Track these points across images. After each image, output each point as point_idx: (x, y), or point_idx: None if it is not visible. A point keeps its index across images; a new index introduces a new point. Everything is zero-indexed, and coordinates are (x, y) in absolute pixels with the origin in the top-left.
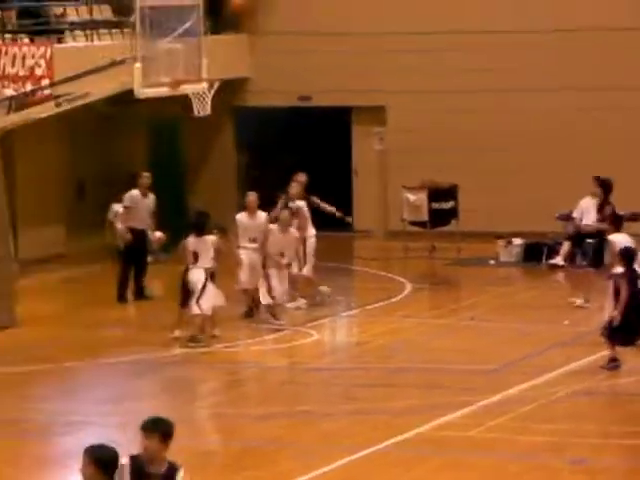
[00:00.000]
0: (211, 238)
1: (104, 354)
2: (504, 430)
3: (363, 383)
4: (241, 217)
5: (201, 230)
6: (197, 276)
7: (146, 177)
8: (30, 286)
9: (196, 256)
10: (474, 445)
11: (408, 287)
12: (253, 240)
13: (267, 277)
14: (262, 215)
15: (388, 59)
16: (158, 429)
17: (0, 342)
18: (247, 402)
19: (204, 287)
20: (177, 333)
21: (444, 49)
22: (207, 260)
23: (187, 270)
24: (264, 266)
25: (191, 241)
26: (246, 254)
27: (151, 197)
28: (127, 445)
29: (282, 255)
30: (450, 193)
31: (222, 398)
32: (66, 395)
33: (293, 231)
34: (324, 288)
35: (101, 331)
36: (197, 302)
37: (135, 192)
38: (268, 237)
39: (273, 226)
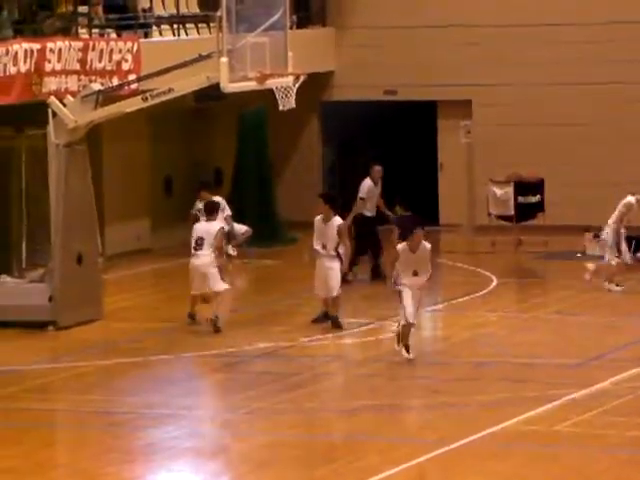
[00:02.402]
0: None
1: (190, 348)
2: (591, 425)
3: (448, 377)
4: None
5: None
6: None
7: (378, 169)
8: (117, 280)
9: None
10: (561, 439)
11: (494, 281)
12: (324, 247)
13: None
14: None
15: (474, 52)
16: None
17: (88, 335)
18: (332, 396)
19: None
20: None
21: (530, 41)
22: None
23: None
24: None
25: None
26: (318, 260)
27: (379, 186)
28: (213, 438)
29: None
30: (536, 187)
31: (307, 391)
32: (153, 388)
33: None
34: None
35: (187, 325)
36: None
37: (369, 182)
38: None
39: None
